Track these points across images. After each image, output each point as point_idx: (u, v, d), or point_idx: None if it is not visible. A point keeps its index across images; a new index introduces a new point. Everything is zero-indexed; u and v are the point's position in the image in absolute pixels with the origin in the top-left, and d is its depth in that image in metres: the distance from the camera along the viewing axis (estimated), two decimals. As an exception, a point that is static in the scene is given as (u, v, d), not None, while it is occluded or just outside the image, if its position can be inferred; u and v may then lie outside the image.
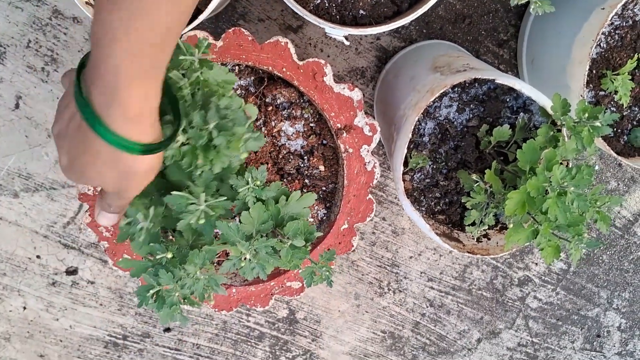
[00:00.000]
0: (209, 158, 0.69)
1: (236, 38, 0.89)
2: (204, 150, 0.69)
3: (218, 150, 0.69)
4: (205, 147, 0.69)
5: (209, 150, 0.69)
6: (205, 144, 0.69)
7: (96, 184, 0.62)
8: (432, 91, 0.90)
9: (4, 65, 1.20)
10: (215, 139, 0.67)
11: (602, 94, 1.01)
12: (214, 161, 0.68)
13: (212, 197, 0.70)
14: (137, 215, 0.69)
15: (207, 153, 0.69)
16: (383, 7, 0.95)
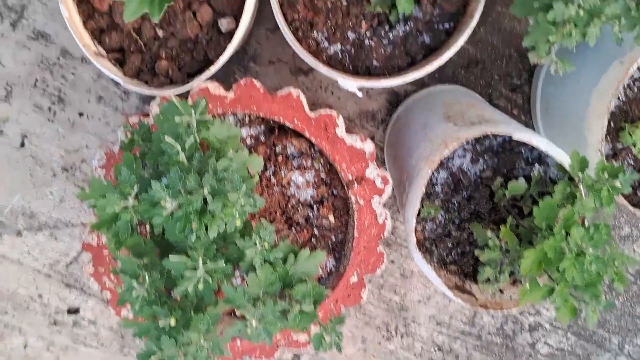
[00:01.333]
0: (204, 222, 0.67)
1: (247, 89, 0.88)
2: (199, 215, 0.67)
3: (213, 214, 0.67)
4: (200, 211, 0.67)
5: (204, 214, 0.67)
6: (200, 208, 0.66)
7: None
8: (446, 144, 0.88)
9: (10, 104, 1.19)
10: (210, 204, 0.65)
11: (620, 146, 0.99)
12: (210, 226, 0.66)
13: (212, 260, 0.68)
14: (133, 283, 0.67)
15: (202, 217, 0.67)
16: (397, 59, 0.93)
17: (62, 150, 1.21)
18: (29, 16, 1.14)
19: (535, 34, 0.77)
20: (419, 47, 0.94)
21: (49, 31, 1.15)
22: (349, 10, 0.92)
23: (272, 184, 0.94)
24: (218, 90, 0.87)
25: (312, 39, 0.93)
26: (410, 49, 0.94)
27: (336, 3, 0.92)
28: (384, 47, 0.93)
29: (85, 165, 1.23)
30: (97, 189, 0.70)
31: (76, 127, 1.20)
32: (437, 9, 0.92)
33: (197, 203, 0.66)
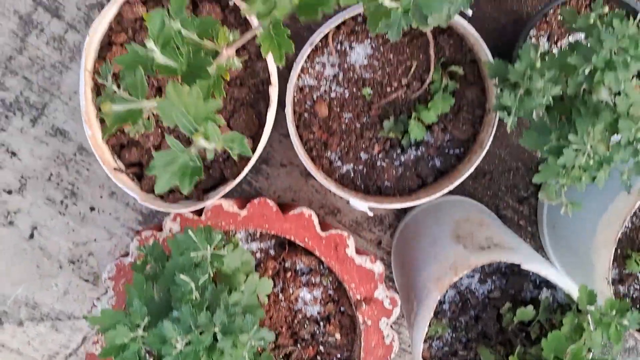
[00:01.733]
0: (213, 359, 0.67)
1: (261, 208, 0.89)
2: (208, 350, 0.67)
3: (222, 351, 0.67)
4: (209, 347, 0.67)
5: (213, 350, 0.67)
6: (210, 344, 0.67)
7: None
8: (456, 270, 0.89)
9: (23, 196, 1.20)
10: (220, 342, 0.66)
11: (627, 272, 0.99)
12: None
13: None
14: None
15: (211, 353, 0.67)
16: (408, 180, 0.95)
17: (70, 243, 1.22)
18: (49, 113, 1.17)
19: (545, 174, 0.79)
20: (430, 170, 0.96)
21: (68, 129, 1.18)
22: (362, 133, 0.94)
23: (279, 299, 0.94)
24: (232, 207, 0.89)
25: (326, 158, 0.95)
26: (421, 172, 0.96)
27: (350, 126, 0.95)
28: (396, 169, 0.95)
29: (92, 258, 1.23)
30: (107, 318, 0.70)
31: (86, 221, 1.21)
32: (448, 135, 0.95)
33: (208, 340, 0.66)
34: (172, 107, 0.45)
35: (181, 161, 0.45)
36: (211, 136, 0.44)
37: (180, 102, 0.47)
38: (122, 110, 0.51)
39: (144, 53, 0.48)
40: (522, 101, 0.78)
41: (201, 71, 0.52)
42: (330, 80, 0.93)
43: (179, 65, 0.53)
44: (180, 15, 0.50)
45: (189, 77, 0.53)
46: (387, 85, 0.93)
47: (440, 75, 0.92)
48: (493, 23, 1.14)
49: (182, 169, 0.45)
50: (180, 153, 0.45)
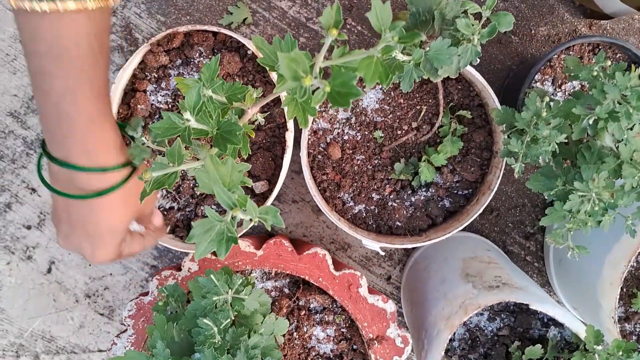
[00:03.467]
0: None
1: (276, 248, 0.92)
2: None
3: None
4: None
5: None
6: None
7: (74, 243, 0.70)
8: (466, 309, 0.91)
9: (42, 231, 1.23)
10: None
11: (633, 310, 1.01)
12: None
13: None
14: None
15: None
16: (418, 220, 0.98)
17: (86, 277, 1.25)
18: (68, 151, 1.21)
19: (552, 217, 0.81)
20: (440, 211, 0.98)
21: (86, 166, 1.21)
22: (374, 174, 0.98)
23: (293, 337, 0.96)
24: (248, 248, 0.91)
25: (339, 199, 0.98)
26: (432, 212, 0.98)
27: (362, 167, 0.98)
28: (406, 209, 0.98)
29: (107, 292, 1.26)
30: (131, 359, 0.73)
31: (102, 256, 1.24)
32: (457, 176, 0.98)
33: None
34: (211, 179, 0.49)
35: (218, 230, 0.48)
36: (249, 210, 0.47)
37: (217, 173, 0.50)
38: (160, 175, 0.55)
39: (180, 122, 0.52)
40: (528, 148, 0.81)
41: (231, 135, 0.55)
42: (343, 123, 0.97)
43: (210, 128, 0.56)
44: (213, 84, 0.53)
45: (220, 140, 0.56)
46: (397, 129, 0.97)
47: (449, 119, 0.95)
48: (499, 64, 1.18)
49: (219, 237, 0.48)
50: (217, 222, 0.48)
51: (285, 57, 0.43)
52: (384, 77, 0.50)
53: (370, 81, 0.49)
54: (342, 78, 0.46)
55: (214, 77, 0.57)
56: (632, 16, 1.19)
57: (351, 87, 0.45)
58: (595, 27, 1.18)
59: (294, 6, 1.17)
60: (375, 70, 0.49)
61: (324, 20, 0.50)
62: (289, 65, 0.44)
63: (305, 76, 0.44)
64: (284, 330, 0.83)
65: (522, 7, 1.17)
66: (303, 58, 0.45)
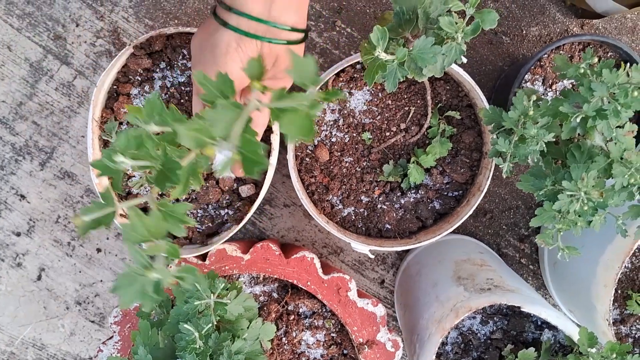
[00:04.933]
0: None
1: (264, 252, 0.90)
2: None
3: None
4: None
5: None
6: None
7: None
8: (457, 312, 0.90)
9: (31, 238, 1.22)
10: None
11: (628, 312, 1.00)
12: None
13: None
14: None
15: None
16: (408, 223, 0.96)
17: (77, 284, 1.24)
18: (57, 157, 1.20)
19: (541, 218, 0.80)
20: (430, 213, 0.97)
21: (76, 172, 1.20)
22: (363, 177, 0.96)
23: (283, 342, 0.95)
24: (235, 252, 0.90)
25: (327, 202, 0.97)
26: (421, 214, 0.97)
27: (351, 170, 0.96)
28: (396, 212, 0.97)
29: (98, 299, 1.24)
30: (114, 366, 0.71)
31: (93, 262, 1.23)
32: (446, 178, 0.97)
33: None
34: (133, 231, 0.48)
35: (140, 283, 0.47)
36: (161, 274, 0.47)
37: (142, 225, 0.49)
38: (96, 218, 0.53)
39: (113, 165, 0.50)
40: (516, 147, 0.80)
41: (172, 173, 0.53)
42: (330, 125, 0.96)
43: (153, 164, 0.54)
44: (154, 119, 0.51)
45: (160, 178, 0.54)
46: (386, 130, 0.96)
47: (437, 120, 0.94)
48: (490, 65, 1.17)
49: (143, 290, 0.47)
50: (139, 276, 0.47)
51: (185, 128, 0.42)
52: (307, 132, 0.47)
53: (291, 139, 0.46)
54: (251, 146, 0.44)
55: (155, 113, 0.54)
56: (624, 15, 1.18)
57: (259, 157, 0.44)
58: (587, 27, 1.17)
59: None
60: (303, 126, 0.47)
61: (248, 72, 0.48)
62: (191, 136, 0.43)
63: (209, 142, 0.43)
64: (271, 335, 0.81)
65: (513, 7, 1.16)
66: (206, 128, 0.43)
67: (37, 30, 1.17)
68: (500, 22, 1.16)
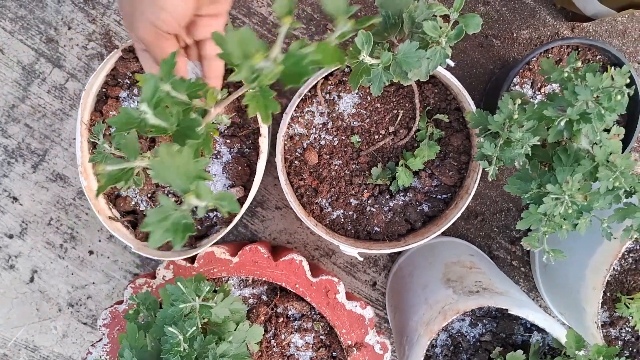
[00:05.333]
0: None
1: (252, 255, 0.91)
2: None
3: None
4: None
5: None
6: None
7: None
8: (445, 315, 0.90)
9: (24, 240, 1.23)
10: None
11: (617, 315, 1.00)
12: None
13: None
14: None
15: None
16: (397, 225, 0.97)
17: (69, 287, 1.24)
18: (49, 159, 1.20)
19: (527, 221, 0.80)
20: (418, 215, 0.97)
21: (68, 174, 1.21)
22: (352, 179, 0.97)
23: (272, 345, 0.95)
24: (224, 255, 0.91)
25: (316, 204, 0.97)
26: (410, 217, 0.97)
27: (340, 173, 0.97)
28: (385, 214, 0.97)
29: (90, 301, 1.25)
30: (99, 368, 0.72)
31: (85, 264, 1.23)
32: (435, 181, 0.97)
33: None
34: (165, 168, 0.48)
35: (173, 218, 0.47)
36: (203, 195, 0.46)
37: (172, 163, 0.49)
38: (115, 170, 0.54)
39: (137, 115, 0.51)
40: (502, 151, 0.80)
41: (191, 131, 0.54)
42: (319, 128, 0.96)
43: (170, 125, 0.55)
44: (171, 79, 0.53)
45: (180, 137, 0.56)
46: (374, 133, 0.96)
47: (425, 123, 0.94)
48: (481, 68, 1.18)
49: (174, 226, 0.47)
50: (172, 211, 0.47)
51: (235, 35, 0.43)
52: (340, 59, 0.49)
53: (327, 63, 0.48)
54: (294, 57, 0.45)
55: (171, 72, 0.56)
56: (614, 18, 1.18)
57: (303, 67, 0.45)
58: (578, 30, 1.17)
59: (274, 12, 1.17)
60: (334, 54, 0.48)
61: (277, 8, 0.49)
62: (240, 43, 0.43)
63: (255, 53, 0.44)
64: (259, 338, 0.82)
65: (504, 10, 1.17)
66: (253, 36, 0.44)
67: (29, 33, 1.17)
68: (490, 25, 1.17)
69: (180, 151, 0.51)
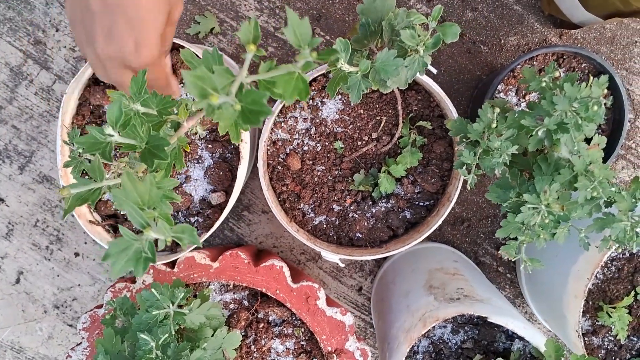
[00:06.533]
0: None
1: (233, 260, 0.91)
2: None
3: None
4: None
5: None
6: None
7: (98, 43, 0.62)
8: (425, 322, 0.90)
9: (10, 241, 1.23)
10: None
11: (599, 323, 1.00)
12: None
13: None
14: None
15: None
16: (379, 232, 0.97)
17: (55, 288, 1.24)
18: (36, 161, 1.20)
19: (506, 230, 0.80)
20: (401, 222, 0.97)
21: (54, 176, 1.21)
22: (334, 185, 0.97)
23: (252, 350, 0.95)
24: (204, 260, 0.91)
25: (299, 210, 0.97)
26: (392, 223, 0.97)
27: (323, 179, 0.97)
28: (367, 220, 0.97)
29: (76, 303, 1.25)
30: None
31: (71, 266, 1.23)
32: (417, 187, 0.97)
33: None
34: (126, 197, 0.48)
35: (134, 249, 0.47)
36: (160, 230, 0.46)
37: (135, 191, 0.49)
38: (82, 191, 0.54)
39: (102, 137, 0.51)
40: (481, 159, 0.80)
41: (159, 151, 0.54)
42: (302, 134, 0.96)
43: (139, 143, 0.55)
44: (140, 98, 0.53)
45: (148, 156, 0.56)
46: (357, 139, 0.96)
47: (408, 130, 0.94)
48: (468, 74, 1.17)
49: (136, 255, 0.47)
50: (133, 241, 0.47)
51: (191, 75, 0.43)
52: (303, 93, 0.49)
53: (289, 98, 0.48)
54: (253, 96, 0.45)
55: (142, 91, 0.56)
56: (603, 25, 1.18)
57: (262, 105, 0.44)
58: (566, 37, 1.17)
59: (262, 15, 1.17)
60: (295, 86, 0.48)
61: (242, 36, 0.49)
62: (195, 83, 0.43)
63: (212, 94, 0.44)
64: (236, 344, 0.82)
65: (492, 17, 1.17)
66: (209, 75, 0.44)
67: (17, 35, 1.17)
68: (478, 32, 1.17)
69: (143, 179, 0.51)
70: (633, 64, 1.18)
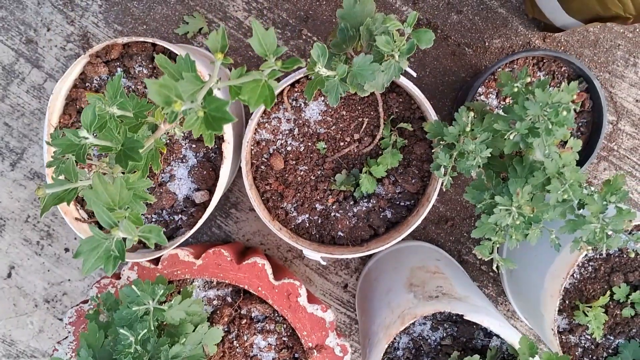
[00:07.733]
0: None
1: (216, 258, 0.93)
2: None
3: None
4: None
5: None
6: None
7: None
8: (403, 319, 0.92)
9: (1, 237, 1.25)
10: None
11: (576, 322, 1.02)
12: None
13: None
14: None
15: None
16: (360, 231, 0.99)
17: (45, 283, 1.26)
18: (28, 158, 1.22)
19: (481, 230, 0.82)
20: (381, 221, 0.99)
21: (45, 172, 1.23)
22: (317, 185, 0.99)
23: (234, 346, 0.97)
24: (187, 257, 0.93)
25: (282, 209, 0.99)
26: (373, 223, 0.99)
27: (305, 178, 0.99)
28: (349, 220, 0.99)
29: (66, 297, 1.27)
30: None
31: (61, 261, 1.25)
32: (398, 188, 0.99)
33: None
34: (97, 198, 0.50)
35: (104, 247, 0.49)
36: (126, 230, 0.48)
37: (106, 192, 0.51)
38: (58, 191, 0.56)
39: (76, 140, 0.53)
40: (457, 161, 0.82)
41: (134, 153, 0.56)
42: (286, 134, 0.98)
43: (115, 145, 0.57)
44: (116, 101, 0.55)
45: (122, 158, 0.58)
46: (340, 140, 0.98)
47: (389, 131, 0.96)
48: (453, 76, 1.19)
49: (106, 253, 0.49)
50: (103, 240, 0.49)
51: (154, 84, 0.45)
52: (269, 100, 0.51)
53: (254, 105, 0.50)
54: (216, 103, 0.47)
55: (117, 95, 0.58)
56: (586, 28, 1.19)
57: (224, 113, 0.46)
58: (550, 40, 1.19)
59: (250, 16, 1.18)
60: (261, 93, 0.50)
61: (210, 45, 0.51)
62: (160, 91, 0.45)
63: (176, 101, 0.46)
64: (217, 340, 0.84)
65: (477, 19, 1.18)
66: (174, 84, 0.46)
67: (9, 34, 1.19)
68: (463, 34, 1.18)
69: (114, 180, 0.53)
70: (616, 66, 1.19)
